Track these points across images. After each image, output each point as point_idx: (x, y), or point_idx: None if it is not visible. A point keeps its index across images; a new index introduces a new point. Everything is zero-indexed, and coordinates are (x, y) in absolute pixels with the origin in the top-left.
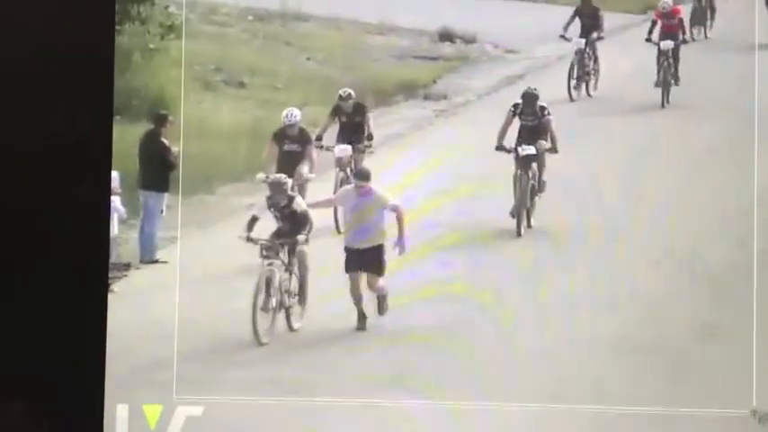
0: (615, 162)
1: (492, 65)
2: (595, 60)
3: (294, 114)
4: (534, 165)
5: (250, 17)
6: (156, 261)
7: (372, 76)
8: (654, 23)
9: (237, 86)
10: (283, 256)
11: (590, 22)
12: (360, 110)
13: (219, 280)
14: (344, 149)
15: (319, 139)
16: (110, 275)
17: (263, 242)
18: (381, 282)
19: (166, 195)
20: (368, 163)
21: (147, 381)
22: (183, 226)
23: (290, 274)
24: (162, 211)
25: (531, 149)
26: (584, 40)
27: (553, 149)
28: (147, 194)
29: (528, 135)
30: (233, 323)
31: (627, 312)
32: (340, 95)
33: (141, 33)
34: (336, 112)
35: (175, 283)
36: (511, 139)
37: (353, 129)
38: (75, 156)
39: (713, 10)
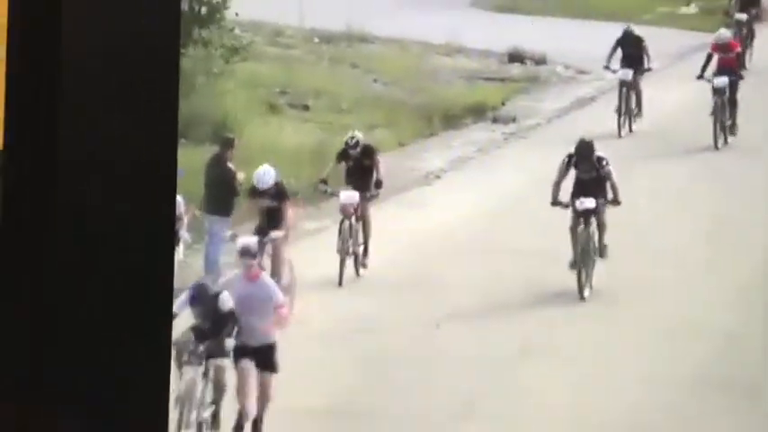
0: (677, 199)
1: (563, 86)
2: (638, 94)
3: (266, 180)
4: (594, 221)
5: (315, 39)
6: None
7: (440, 98)
8: (709, 58)
9: (302, 109)
10: (202, 361)
11: (633, 52)
12: (368, 152)
13: None
14: (351, 196)
15: (324, 182)
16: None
17: (190, 346)
18: (274, 383)
19: (231, 220)
20: (435, 187)
21: None
22: None
23: (207, 381)
24: (227, 236)
25: (590, 202)
26: (631, 72)
27: (615, 201)
28: (212, 219)
29: (585, 188)
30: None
31: (703, 347)
32: (346, 143)
33: (205, 57)
34: (342, 156)
35: None
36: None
37: (361, 172)
38: (140, 179)
39: (752, 38)
